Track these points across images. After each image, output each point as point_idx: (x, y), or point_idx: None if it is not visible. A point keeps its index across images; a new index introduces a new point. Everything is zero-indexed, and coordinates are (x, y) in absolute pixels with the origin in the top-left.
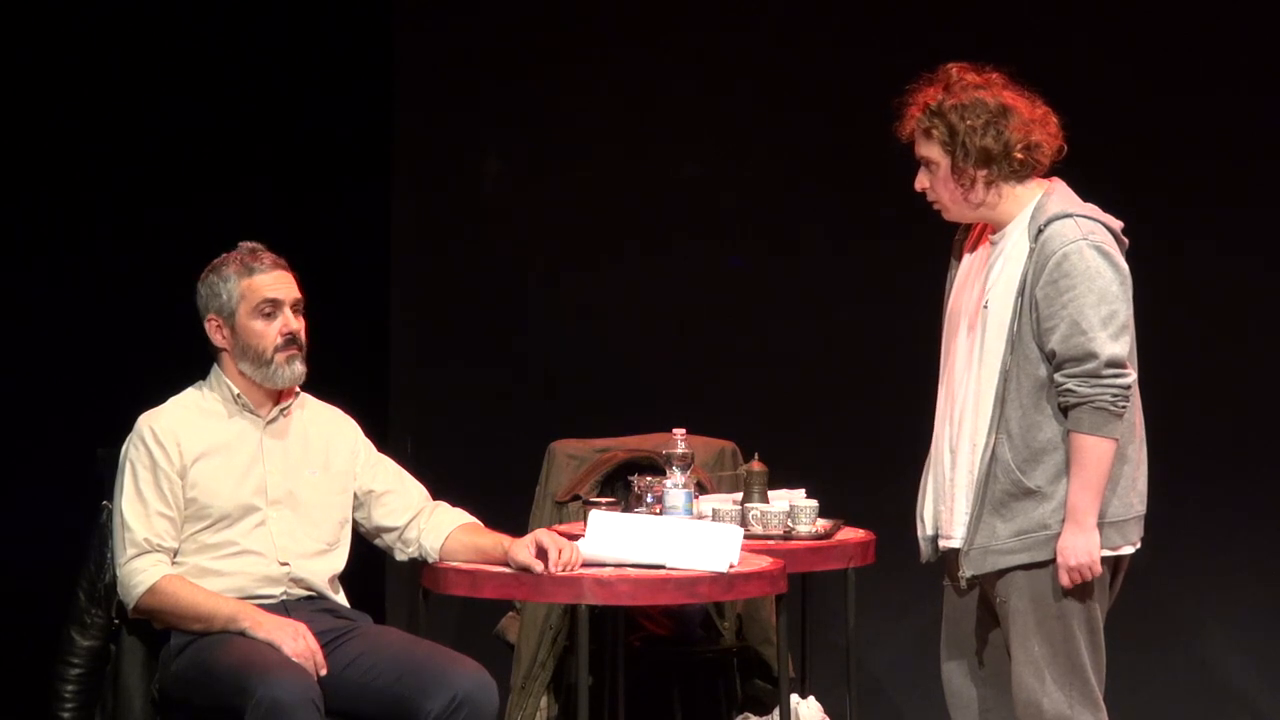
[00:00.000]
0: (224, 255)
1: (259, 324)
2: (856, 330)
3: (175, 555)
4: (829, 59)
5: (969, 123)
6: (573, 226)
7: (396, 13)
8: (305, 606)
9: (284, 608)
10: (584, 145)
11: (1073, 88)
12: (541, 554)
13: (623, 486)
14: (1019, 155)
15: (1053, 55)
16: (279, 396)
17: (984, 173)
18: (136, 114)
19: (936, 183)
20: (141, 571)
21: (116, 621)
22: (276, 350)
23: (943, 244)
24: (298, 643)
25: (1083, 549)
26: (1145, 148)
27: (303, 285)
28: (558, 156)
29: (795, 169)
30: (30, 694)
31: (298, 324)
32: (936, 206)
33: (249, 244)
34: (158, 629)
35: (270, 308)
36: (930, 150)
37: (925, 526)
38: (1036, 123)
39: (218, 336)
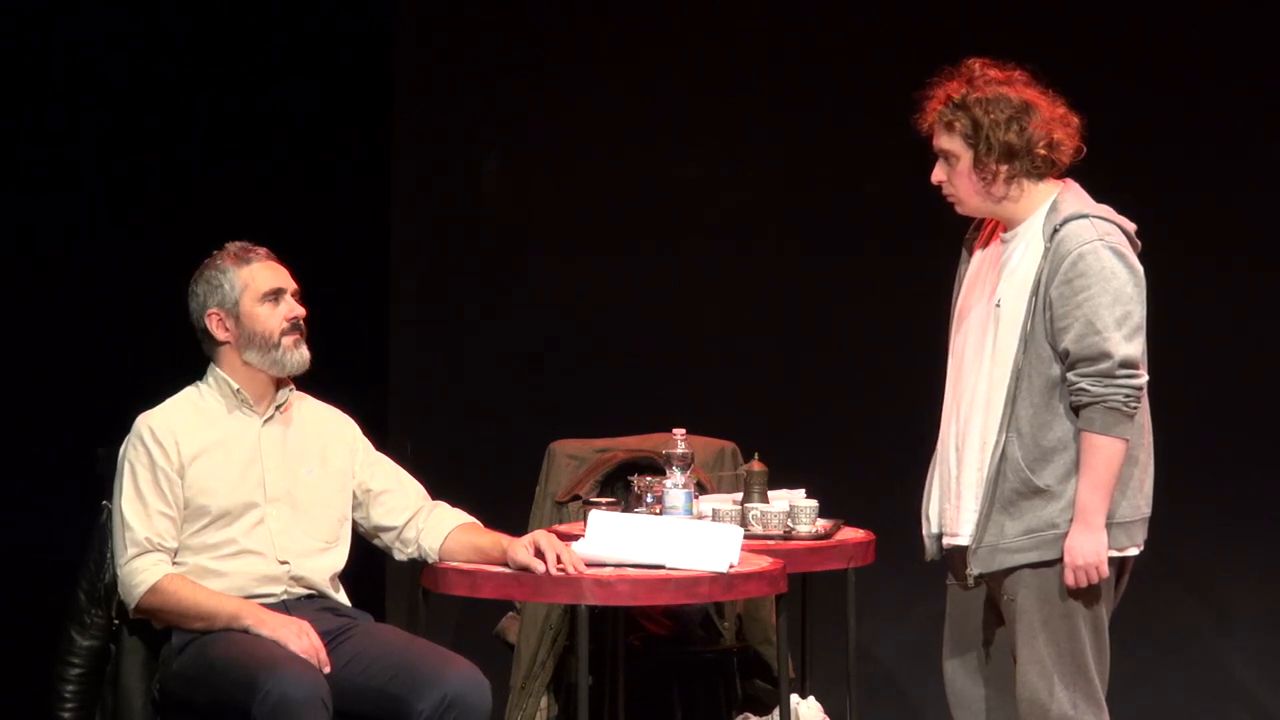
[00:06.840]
0: (212, 254)
1: (265, 309)
2: (857, 330)
3: (176, 555)
4: (830, 59)
5: (993, 117)
6: (572, 226)
7: (396, 12)
8: (307, 605)
9: (285, 607)
10: (583, 145)
11: (1077, 88)
12: (540, 555)
13: (623, 486)
14: (1041, 152)
15: (1056, 55)
16: (277, 390)
17: (1005, 168)
18: (134, 113)
19: (956, 176)
20: (143, 571)
21: (116, 621)
22: (283, 334)
23: (943, 244)
24: (302, 640)
25: (1090, 549)
26: (1154, 149)
27: (302, 284)
28: (557, 156)
29: (795, 168)
30: (30, 694)
31: (301, 309)
32: (951, 200)
33: (237, 243)
34: (158, 628)
35: (275, 295)
36: (951, 143)
37: (930, 524)
38: (1057, 121)
39: (220, 330)
